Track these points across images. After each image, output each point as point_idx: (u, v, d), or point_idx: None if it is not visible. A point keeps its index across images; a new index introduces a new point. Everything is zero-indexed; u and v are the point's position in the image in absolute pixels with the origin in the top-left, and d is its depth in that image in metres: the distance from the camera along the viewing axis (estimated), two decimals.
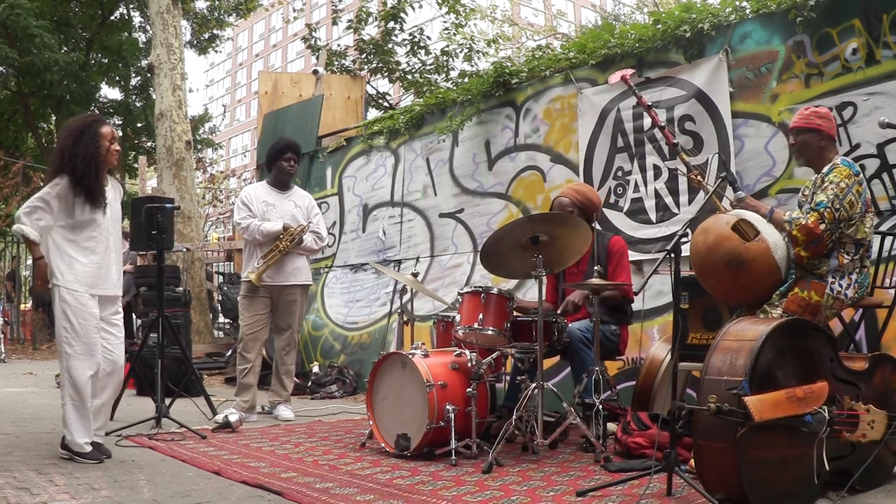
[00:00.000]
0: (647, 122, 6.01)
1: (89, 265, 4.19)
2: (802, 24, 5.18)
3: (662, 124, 4.77)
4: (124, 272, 10.14)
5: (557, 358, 5.33)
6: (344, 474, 3.81)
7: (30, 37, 13.98)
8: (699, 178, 4.36)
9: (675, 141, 4.58)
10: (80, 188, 4.12)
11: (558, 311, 4.84)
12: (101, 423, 4.29)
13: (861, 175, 3.75)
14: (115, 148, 4.26)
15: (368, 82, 13.74)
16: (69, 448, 4.11)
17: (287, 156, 5.98)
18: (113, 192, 4.37)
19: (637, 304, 5.24)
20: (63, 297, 4.11)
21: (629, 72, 4.95)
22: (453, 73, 14.52)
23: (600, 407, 4.23)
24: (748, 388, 2.90)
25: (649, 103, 4.84)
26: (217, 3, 19.60)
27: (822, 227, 3.61)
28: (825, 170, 3.80)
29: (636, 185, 6.08)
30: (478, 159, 7.46)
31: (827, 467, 3.05)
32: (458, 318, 4.62)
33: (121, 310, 4.44)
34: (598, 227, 5.16)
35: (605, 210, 6.18)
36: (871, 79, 4.90)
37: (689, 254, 3.92)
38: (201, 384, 6.31)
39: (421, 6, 14.06)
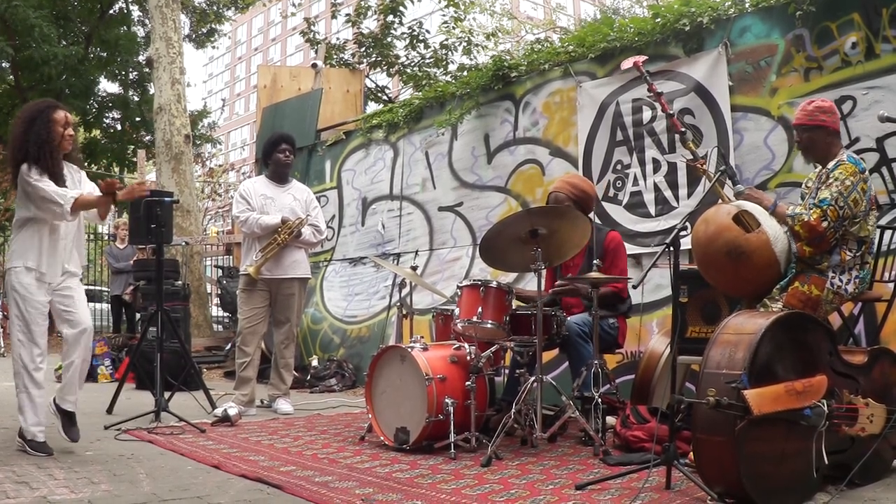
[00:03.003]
0: (646, 115, 6.02)
1: (40, 248, 4.15)
2: (802, 18, 5.17)
3: (671, 112, 4.77)
4: (125, 269, 10.24)
5: (556, 351, 5.33)
6: (343, 468, 3.81)
7: (29, 29, 13.94)
8: (705, 167, 4.35)
9: (682, 129, 4.58)
10: (42, 171, 4.08)
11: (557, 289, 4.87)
12: (70, 390, 4.24)
13: (866, 172, 3.75)
14: (69, 133, 4.20)
15: (367, 76, 13.73)
16: (23, 437, 4.11)
17: (282, 147, 5.98)
18: (71, 179, 4.31)
19: (636, 298, 5.25)
20: (13, 285, 4.12)
21: (642, 58, 4.94)
22: (452, 67, 14.50)
23: (599, 400, 4.24)
24: (747, 382, 2.90)
25: (660, 90, 4.83)
26: None
27: (825, 224, 3.60)
28: (830, 165, 3.79)
29: (635, 179, 6.07)
30: (477, 153, 7.45)
31: (826, 461, 3.06)
32: (457, 311, 4.62)
33: (74, 278, 4.34)
34: (596, 220, 5.16)
35: (604, 204, 6.18)
36: (871, 73, 4.90)
37: (690, 245, 3.92)
38: (200, 378, 6.31)
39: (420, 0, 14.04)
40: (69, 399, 4.26)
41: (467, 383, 4.22)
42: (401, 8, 14.01)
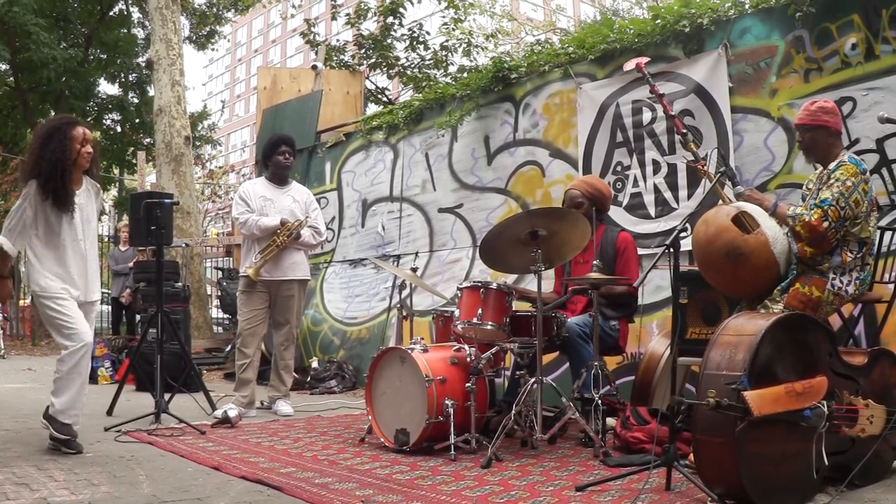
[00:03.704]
0: (646, 116, 6.02)
1: (60, 271, 4.21)
2: (802, 19, 5.17)
3: (673, 113, 4.77)
4: (123, 272, 10.25)
5: (557, 353, 5.33)
6: (343, 469, 3.81)
7: (27, 34, 13.96)
8: (706, 168, 4.36)
9: (684, 130, 4.58)
10: (47, 192, 4.12)
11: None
12: (74, 408, 4.26)
13: (867, 174, 3.75)
14: (87, 150, 4.21)
15: (367, 77, 13.74)
16: (51, 420, 4.15)
17: (282, 149, 5.98)
18: (87, 195, 4.35)
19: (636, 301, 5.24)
20: (42, 301, 4.18)
21: (644, 60, 4.94)
22: (452, 68, 14.51)
23: (599, 402, 4.24)
24: (747, 383, 2.90)
25: (662, 92, 4.83)
26: None
27: (826, 224, 3.61)
28: (832, 166, 3.79)
29: (635, 180, 6.07)
30: (477, 154, 7.45)
31: (826, 462, 3.05)
32: (457, 312, 4.62)
33: (95, 308, 4.43)
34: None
35: None
36: (870, 74, 4.90)
37: (690, 246, 3.92)
38: (200, 380, 6.31)
39: (420, 1, 14.04)
40: (73, 417, 4.27)
41: (467, 385, 4.22)
42: (401, 9, 14.02)
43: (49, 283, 4.17)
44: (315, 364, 8.25)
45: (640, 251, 5.81)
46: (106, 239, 15.19)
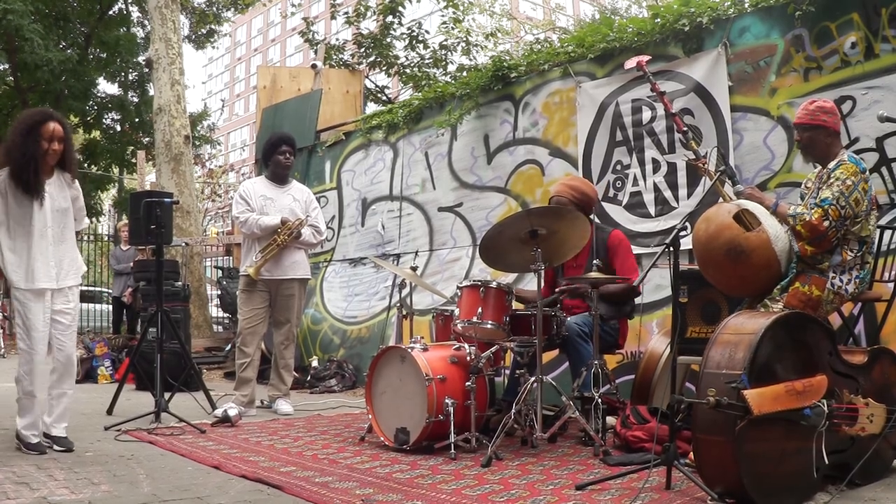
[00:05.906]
0: (645, 115, 6.02)
1: (25, 258, 4.21)
2: (801, 18, 5.17)
3: (674, 112, 4.77)
4: (125, 271, 10.24)
5: (557, 351, 5.33)
6: (343, 468, 3.81)
7: (23, 38, 13.96)
8: (707, 166, 4.36)
9: (685, 129, 4.58)
10: (20, 182, 4.16)
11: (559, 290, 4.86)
12: (58, 416, 4.30)
13: (867, 172, 3.75)
14: (54, 147, 4.21)
15: (367, 76, 13.74)
16: (20, 438, 4.19)
17: (282, 149, 5.98)
18: (58, 186, 4.34)
19: (636, 298, 5.24)
20: (17, 296, 4.21)
21: (645, 58, 4.94)
22: (452, 67, 14.51)
23: (599, 401, 4.24)
24: (747, 382, 2.90)
25: (663, 90, 4.83)
26: None
27: (826, 223, 3.61)
28: (831, 165, 3.79)
29: (635, 179, 6.07)
30: (476, 153, 7.45)
31: (826, 461, 3.06)
32: (456, 311, 4.62)
33: (72, 299, 4.40)
34: (597, 220, 5.14)
35: (603, 204, 6.18)
36: (870, 73, 4.90)
37: (690, 244, 3.92)
38: (200, 379, 6.31)
39: (419, 0, 14.05)
40: (61, 426, 4.30)
41: (467, 384, 4.22)
42: (400, 8, 14.01)
43: (17, 277, 4.20)
44: (315, 363, 8.25)
45: (640, 250, 5.83)
46: (106, 238, 15.20)
